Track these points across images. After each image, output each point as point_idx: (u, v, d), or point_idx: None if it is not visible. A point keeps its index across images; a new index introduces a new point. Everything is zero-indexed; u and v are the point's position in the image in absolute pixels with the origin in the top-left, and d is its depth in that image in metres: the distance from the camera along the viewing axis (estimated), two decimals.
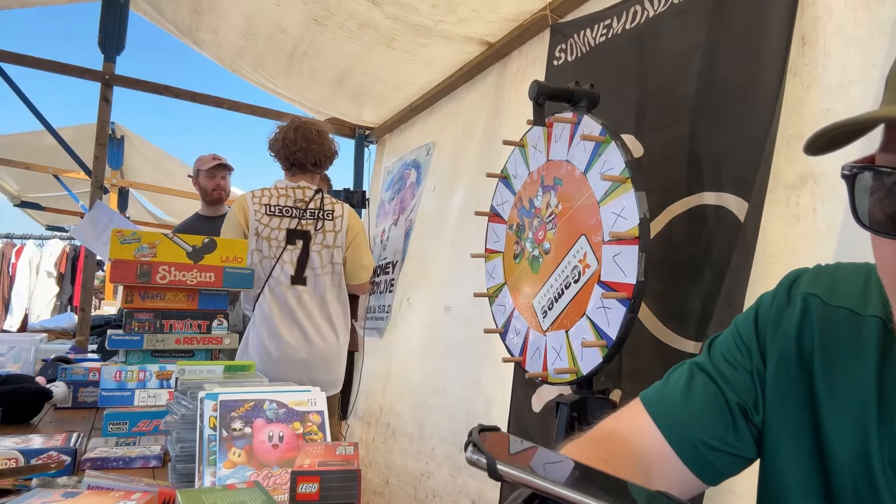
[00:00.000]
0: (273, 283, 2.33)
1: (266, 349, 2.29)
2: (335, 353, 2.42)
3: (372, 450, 2.99)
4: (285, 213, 2.38)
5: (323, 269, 2.40)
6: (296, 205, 2.40)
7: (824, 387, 0.59)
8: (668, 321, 1.55)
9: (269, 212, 2.36)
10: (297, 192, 2.42)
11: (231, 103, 3.73)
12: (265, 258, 2.33)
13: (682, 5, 1.64)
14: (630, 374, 1.60)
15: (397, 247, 3.20)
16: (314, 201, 2.42)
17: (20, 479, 0.93)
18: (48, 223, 7.75)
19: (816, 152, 0.49)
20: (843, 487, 0.57)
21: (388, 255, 3.28)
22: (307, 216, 2.39)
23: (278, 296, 2.33)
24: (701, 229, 1.49)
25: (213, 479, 0.92)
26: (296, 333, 2.33)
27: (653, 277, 1.59)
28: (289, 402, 1.03)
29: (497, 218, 1.86)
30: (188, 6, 3.18)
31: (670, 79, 1.65)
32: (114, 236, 1.68)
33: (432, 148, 3.13)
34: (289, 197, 2.41)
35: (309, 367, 2.32)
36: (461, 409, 2.46)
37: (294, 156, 2.44)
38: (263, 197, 2.38)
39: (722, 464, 0.65)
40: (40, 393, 1.56)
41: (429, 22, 2.47)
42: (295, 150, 2.43)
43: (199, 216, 3.19)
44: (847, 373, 0.58)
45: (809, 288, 0.63)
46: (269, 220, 2.35)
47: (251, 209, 2.34)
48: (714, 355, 0.68)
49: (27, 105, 3.44)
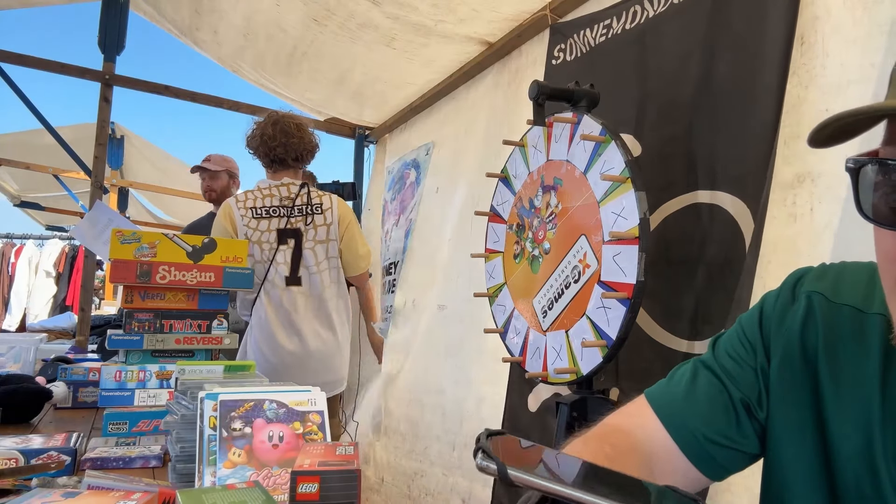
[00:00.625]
0: (268, 286, 2.30)
1: (264, 355, 2.27)
2: (335, 352, 2.38)
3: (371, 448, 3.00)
4: (273, 213, 2.32)
5: (318, 266, 2.35)
6: (282, 203, 2.34)
7: (828, 384, 0.59)
8: (661, 320, 1.55)
9: (255, 215, 2.30)
10: (282, 189, 2.35)
11: (231, 103, 3.73)
12: (258, 262, 2.29)
13: (682, 5, 1.65)
14: (628, 373, 1.61)
15: (398, 247, 3.20)
16: (300, 197, 2.35)
17: (20, 479, 0.93)
18: (48, 223, 7.75)
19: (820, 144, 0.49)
20: (846, 484, 0.57)
21: (391, 256, 3.29)
22: (295, 213, 2.33)
23: (274, 299, 2.30)
24: (694, 227, 1.50)
25: (213, 479, 0.92)
26: (293, 337, 2.29)
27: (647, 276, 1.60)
28: (289, 402, 1.03)
29: (497, 218, 1.86)
30: (188, 6, 3.18)
31: (670, 79, 1.65)
32: (114, 236, 1.69)
33: (431, 148, 3.13)
34: (274, 196, 2.34)
35: (307, 370, 2.28)
36: (454, 408, 2.47)
37: (274, 151, 2.37)
38: (248, 200, 2.32)
39: (725, 459, 0.65)
40: (40, 393, 1.56)
41: (429, 22, 2.47)
42: (274, 145, 2.36)
43: (211, 214, 3.25)
44: (851, 370, 0.58)
45: (814, 286, 0.63)
46: (257, 223, 2.30)
47: (237, 214, 2.29)
48: (718, 353, 0.68)
49: (27, 105, 3.44)
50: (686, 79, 1.59)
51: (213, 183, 3.19)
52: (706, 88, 1.53)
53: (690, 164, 1.53)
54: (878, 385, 0.56)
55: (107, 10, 3.37)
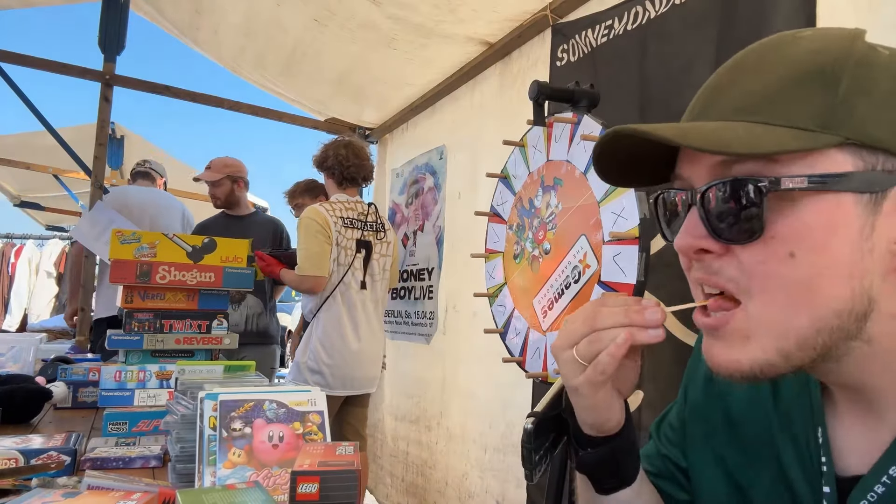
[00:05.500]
0: (343, 287, 2.65)
1: (333, 347, 2.61)
2: (380, 351, 2.82)
3: (435, 452, 3.01)
4: (353, 224, 2.71)
5: (381, 275, 2.78)
6: (359, 217, 2.73)
7: (738, 415, 0.64)
8: (689, 322, 1.55)
9: (345, 223, 2.67)
10: (359, 206, 2.76)
11: (231, 103, 3.73)
12: (340, 266, 2.64)
13: (684, 6, 1.64)
14: (652, 376, 1.60)
15: (430, 254, 3.18)
16: (370, 214, 2.78)
17: (20, 479, 0.93)
18: (48, 223, 7.75)
19: (614, 182, 0.61)
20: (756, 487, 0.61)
21: (420, 262, 3.27)
22: (368, 228, 2.75)
23: (348, 300, 2.67)
24: None
25: (213, 479, 0.92)
26: (358, 334, 2.67)
27: (670, 279, 1.59)
28: (289, 402, 1.03)
29: (497, 218, 1.86)
30: (188, 6, 3.18)
31: (676, 80, 1.65)
32: (114, 236, 1.68)
33: (445, 152, 3.12)
34: (354, 210, 2.73)
35: (364, 364, 2.68)
36: (485, 412, 2.53)
37: (348, 171, 2.74)
38: (337, 210, 2.68)
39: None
40: (40, 393, 1.56)
41: (429, 22, 2.47)
42: (348, 165, 2.73)
43: (224, 214, 3.31)
44: (751, 393, 0.63)
45: None
46: (345, 230, 2.66)
47: (331, 221, 2.62)
48: (662, 426, 0.76)
49: (27, 105, 3.44)
50: (691, 80, 1.58)
51: (215, 190, 3.21)
52: None
53: None
54: (770, 399, 0.61)
55: (107, 10, 3.37)
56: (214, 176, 3.16)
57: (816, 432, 0.56)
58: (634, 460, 0.64)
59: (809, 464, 0.56)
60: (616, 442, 0.61)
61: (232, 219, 3.23)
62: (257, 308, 3.11)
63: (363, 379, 2.70)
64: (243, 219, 3.26)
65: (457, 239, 2.97)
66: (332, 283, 2.62)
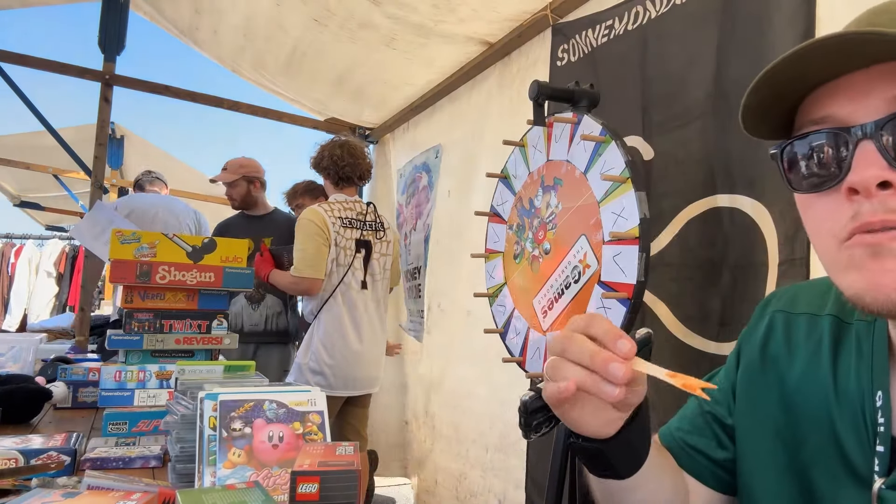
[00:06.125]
0: (344, 288, 2.63)
1: (334, 347, 2.60)
2: (381, 351, 2.78)
3: (423, 451, 3.01)
4: (352, 224, 2.68)
5: (382, 275, 2.75)
6: (358, 217, 2.70)
7: (792, 380, 0.65)
8: (689, 322, 1.55)
9: (343, 224, 2.65)
10: (357, 205, 2.73)
11: (231, 103, 3.73)
12: (340, 266, 2.62)
13: (684, 6, 1.64)
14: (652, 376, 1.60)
15: (419, 252, 3.20)
16: (369, 214, 2.74)
17: (20, 479, 0.93)
18: (48, 223, 7.75)
19: (756, 127, 0.59)
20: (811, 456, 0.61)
21: (413, 261, 3.29)
22: (367, 227, 2.71)
23: (348, 300, 2.64)
24: (717, 232, 1.49)
25: (213, 479, 0.92)
26: (359, 334, 2.66)
27: (670, 279, 1.60)
28: (289, 402, 1.03)
29: (497, 218, 1.86)
30: (188, 6, 3.18)
31: (677, 80, 1.65)
32: (114, 236, 1.68)
33: (440, 151, 3.13)
34: (352, 210, 2.70)
35: (366, 364, 2.67)
36: (484, 411, 2.53)
37: (343, 171, 2.71)
38: (335, 210, 2.65)
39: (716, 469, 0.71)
40: (40, 393, 1.56)
41: (429, 22, 2.47)
42: (343, 165, 2.70)
43: (243, 215, 3.29)
44: (808, 366, 0.64)
45: (776, 306, 0.72)
46: (343, 231, 2.64)
47: (329, 221, 2.60)
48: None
49: (27, 105, 3.44)
50: (693, 80, 1.58)
51: (231, 191, 3.19)
52: (713, 89, 1.53)
53: (707, 167, 1.53)
54: (829, 373, 0.62)
55: (107, 10, 3.37)
56: (230, 177, 3.14)
57: (875, 396, 0.56)
58: (632, 460, 0.63)
59: (864, 426, 0.56)
60: (606, 444, 0.60)
61: (251, 219, 3.22)
62: (277, 307, 3.08)
63: (365, 379, 2.70)
64: (262, 218, 3.24)
65: (442, 235, 2.97)
66: (332, 284, 2.61)
